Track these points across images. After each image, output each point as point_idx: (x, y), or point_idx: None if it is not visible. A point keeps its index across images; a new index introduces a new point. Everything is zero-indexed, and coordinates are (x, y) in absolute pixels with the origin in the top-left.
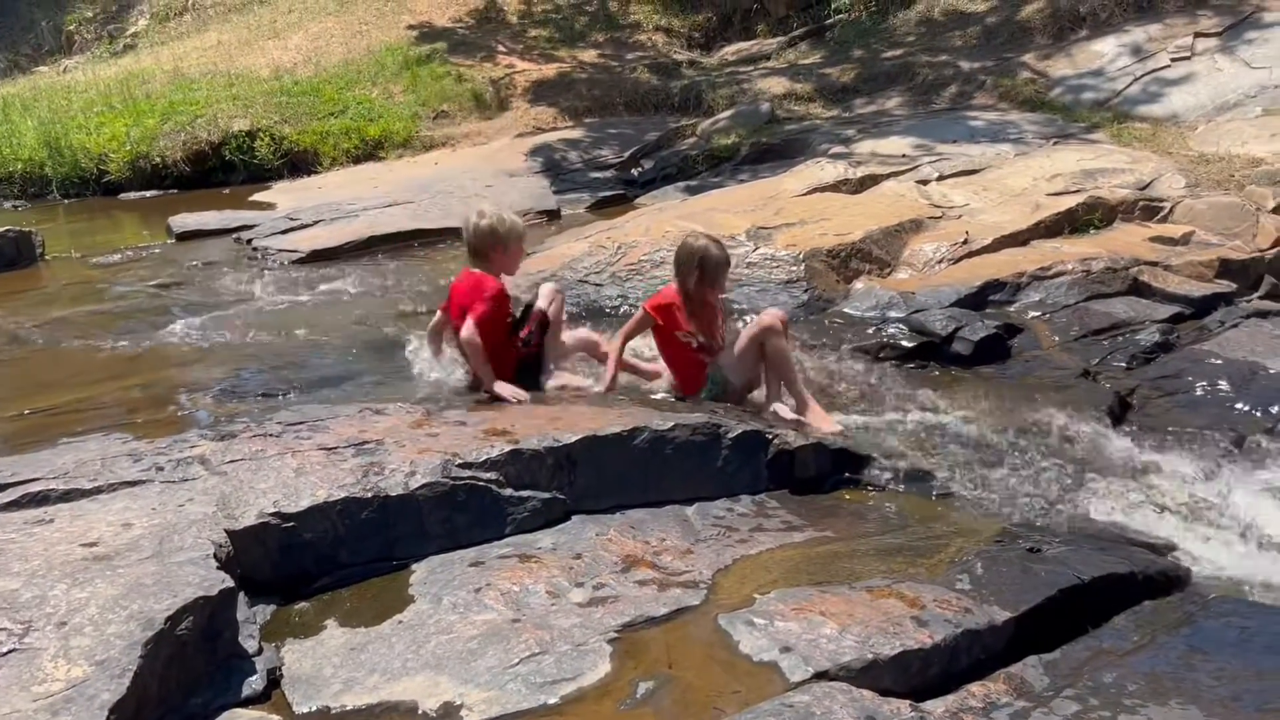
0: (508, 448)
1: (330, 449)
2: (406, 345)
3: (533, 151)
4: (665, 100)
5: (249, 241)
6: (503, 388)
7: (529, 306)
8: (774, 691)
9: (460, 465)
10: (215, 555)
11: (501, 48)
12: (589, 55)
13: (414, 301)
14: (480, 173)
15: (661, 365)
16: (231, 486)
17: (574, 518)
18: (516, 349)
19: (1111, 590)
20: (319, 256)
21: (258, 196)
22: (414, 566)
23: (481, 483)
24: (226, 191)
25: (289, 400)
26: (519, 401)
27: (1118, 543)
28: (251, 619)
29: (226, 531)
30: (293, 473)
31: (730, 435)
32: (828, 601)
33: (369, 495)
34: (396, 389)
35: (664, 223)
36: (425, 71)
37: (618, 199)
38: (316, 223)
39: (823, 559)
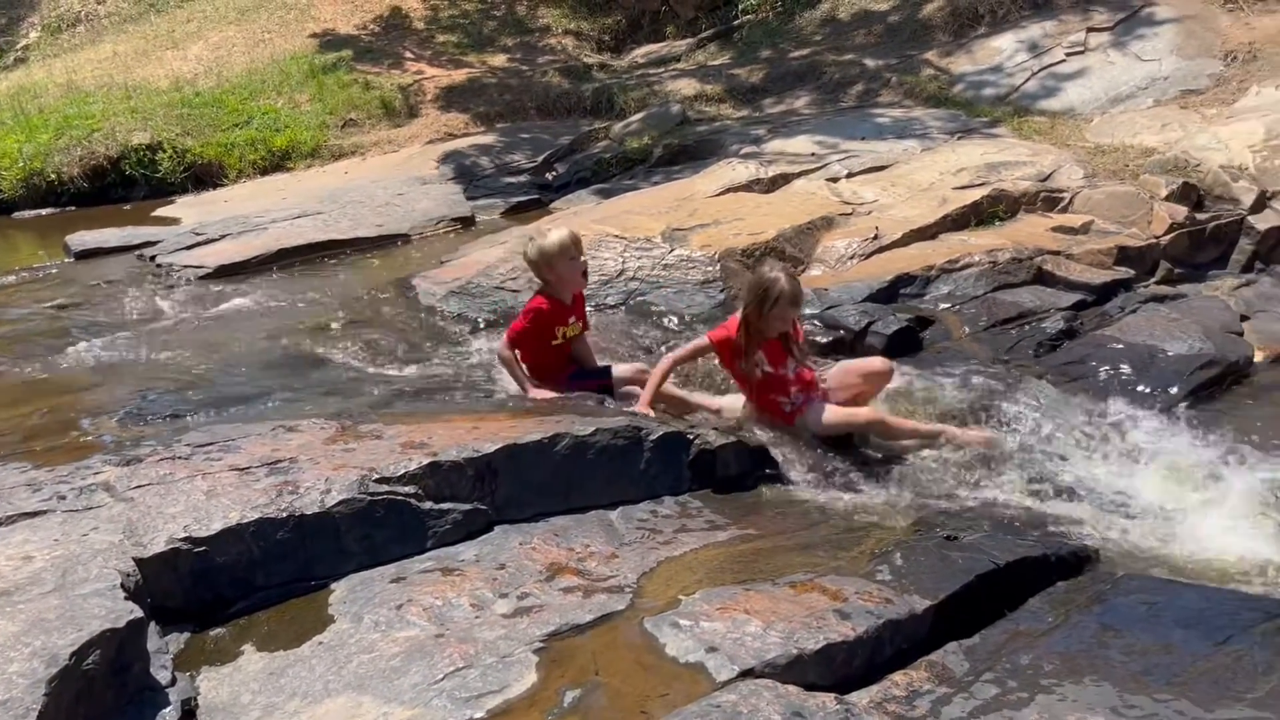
0: (426, 460)
1: (242, 469)
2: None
3: (444, 158)
4: (577, 103)
5: (152, 258)
6: (538, 392)
7: (605, 369)
8: (701, 692)
9: (378, 480)
10: (123, 585)
11: (409, 54)
12: (499, 60)
13: (326, 315)
14: (391, 181)
15: (726, 400)
16: (139, 513)
17: (497, 528)
18: (565, 366)
19: (1026, 573)
20: (226, 272)
21: (161, 212)
22: (333, 585)
23: (400, 497)
24: (127, 207)
25: (198, 421)
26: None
27: (1030, 526)
28: (164, 649)
29: (134, 560)
30: (203, 495)
31: (652, 437)
32: (752, 599)
33: (284, 515)
34: (310, 405)
35: (579, 227)
36: (331, 80)
37: (533, 204)
38: (223, 237)
39: (746, 557)
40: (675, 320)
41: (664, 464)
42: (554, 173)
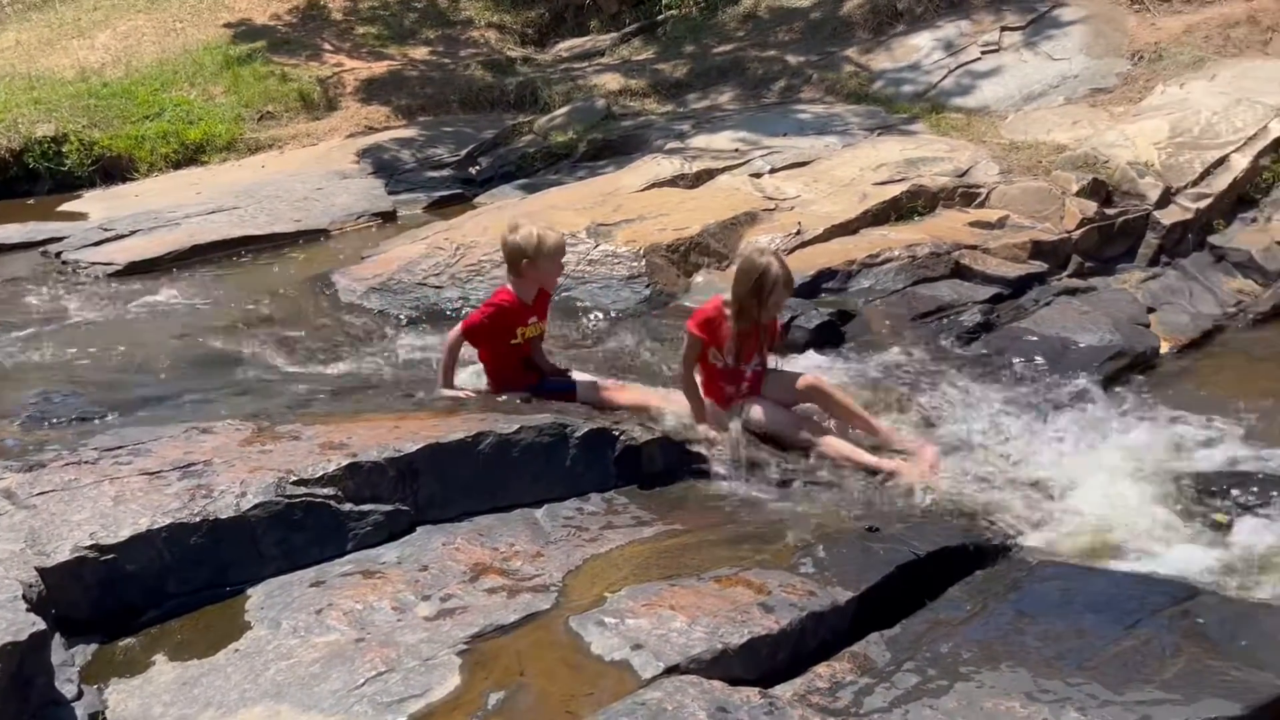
0: (346, 461)
1: (153, 473)
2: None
3: (365, 152)
4: (501, 97)
5: (58, 255)
6: (449, 392)
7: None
8: (627, 690)
9: (295, 482)
10: (24, 596)
11: (328, 46)
12: (420, 52)
13: (242, 313)
14: (310, 175)
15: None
16: (42, 520)
17: (420, 529)
18: (524, 369)
19: (946, 563)
20: (137, 269)
21: (67, 206)
22: (250, 591)
23: (319, 499)
24: (31, 202)
25: (106, 424)
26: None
27: (950, 516)
28: (70, 661)
29: (37, 569)
30: (111, 501)
31: (577, 434)
32: (677, 594)
33: (197, 520)
34: (225, 406)
35: (503, 221)
36: (247, 71)
37: (456, 198)
38: (134, 232)
39: (672, 552)
40: (601, 316)
41: (590, 461)
42: (478, 167)
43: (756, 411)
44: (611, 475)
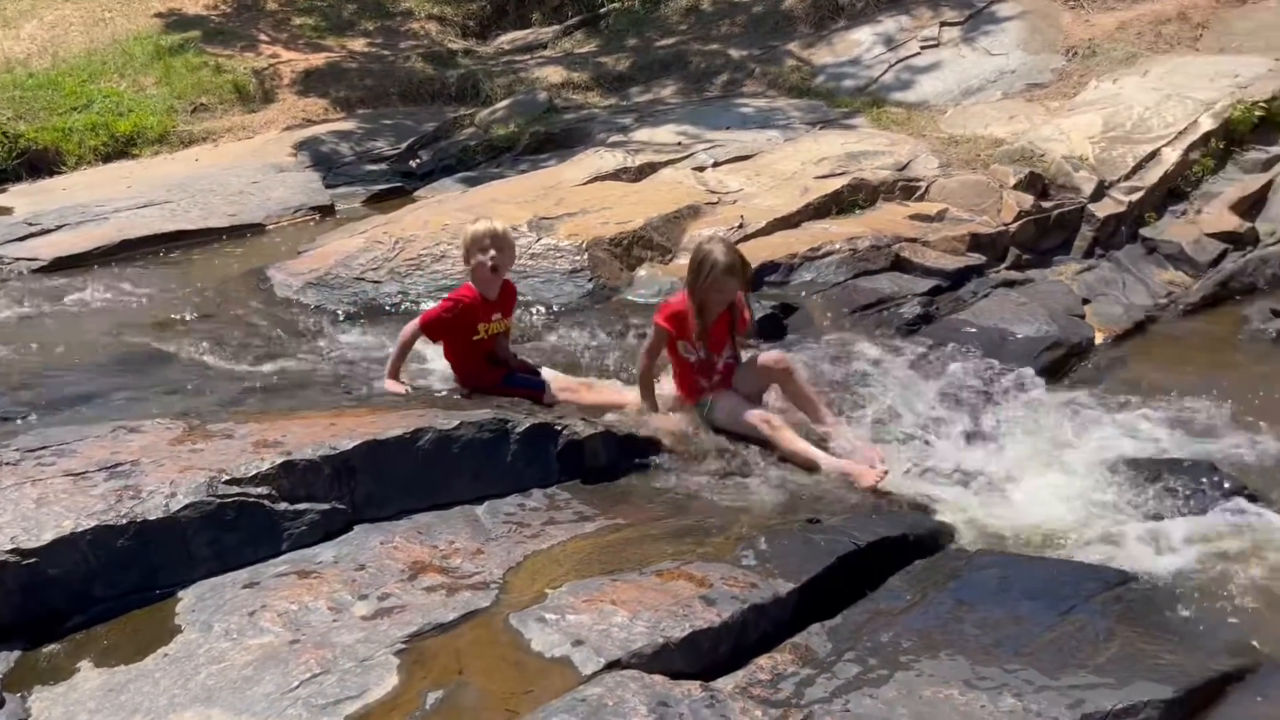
0: (280, 459)
1: (77, 474)
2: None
3: (302, 145)
4: (442, 90)
5: None
6: (392, 385)
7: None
8: (567, 686)
9: (227, 481)
10: None
11: (263, 36)
12: (359, 44)
13: (173, 309)
14: (245, 169)
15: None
16: None
17: (357, 527)
18: (488, 364)
19: (886, 553)
20: (64, 264)
21: None
22: (180, 594)
23: (252, 498)
24: None
25: (29, 424)
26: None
27: (891, 506)
28: None
29: None
30: (33, 504)
31: (519, 429)
32: (619, 589)
33: (124, 522)
34: (155, 404)
35: (444, 215)
36: (179, 62)
37: (396, 192)
38: (60, 227)
39: (614, 547)
40: (543, 310)
41: (531, 456)
42: (418, 160)
43: (721, 406)
44: (554, 470)
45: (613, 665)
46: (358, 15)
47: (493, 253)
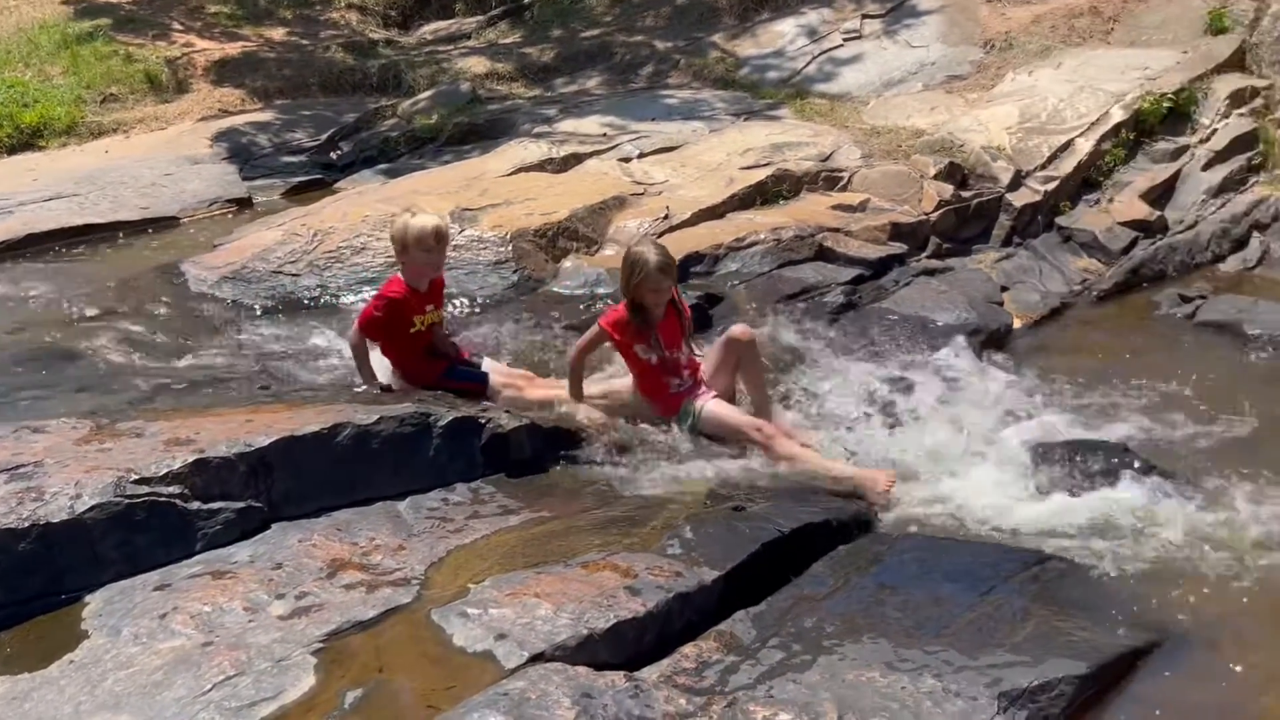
0: (192, 457)
1: None
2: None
3: (218, 136)
4: (363, 80)
5: None
6: (374, 386)
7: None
8: (490, 681)
9: (136, 481)
10: None
11: (177, 25)
12: (277, 33)
13: (81, 305)
14: (158, 161)
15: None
16: None
17: (274, 525)
18: (428, 357)
19: (810, 539)
20: None
21: None
22: (87, 598)
23: (163, 498)
24: None
25: None
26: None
27: (816, 493)
28: None
29: None
30: None
31: (441, 423)
32: (543, 582)
33: (26, 525)
34: (61, 404)
35: (363, 207)
36: (88, 51)
37: (316, 184)
38: None
39: (539, 539)
40: (467, 302)
41: (455, 450)
42: (339, 151)
43: (710, 413)
44: (478, 464)
45: (536, 658)
46: (275, 4)
47: (436, 252)
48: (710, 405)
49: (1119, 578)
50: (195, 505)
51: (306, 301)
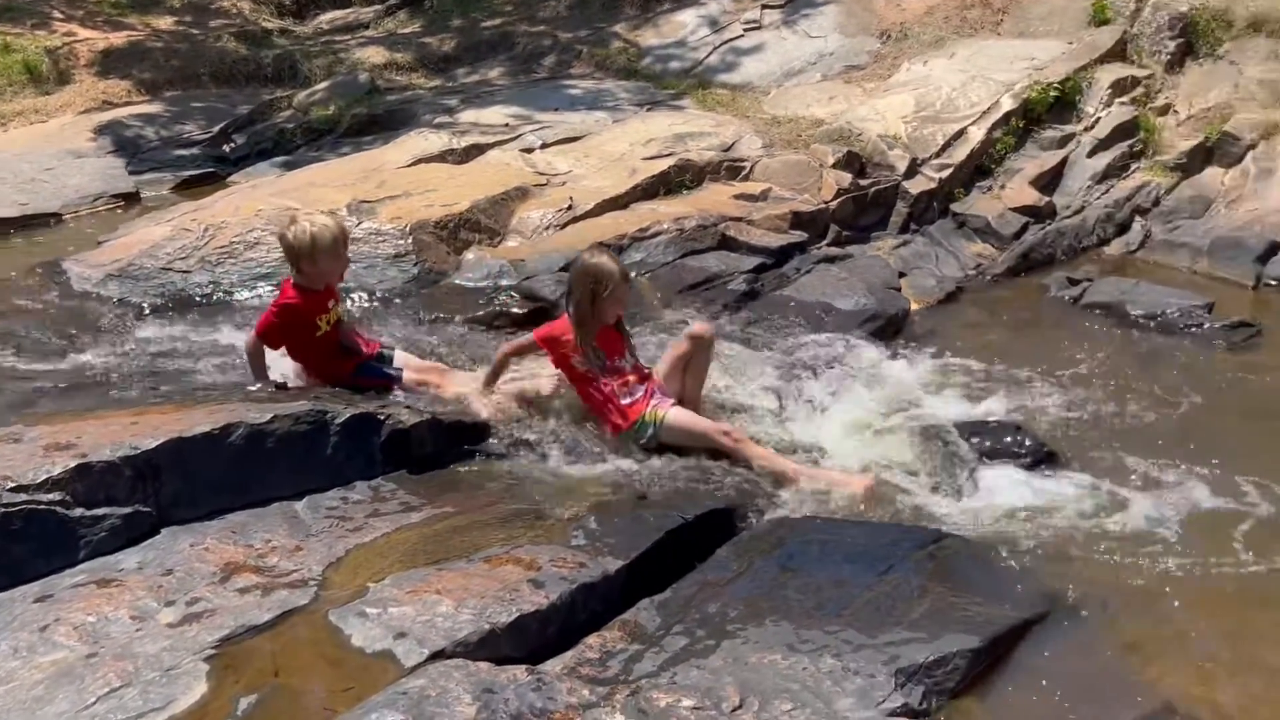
0: (73, 463)
1: None
2: None
3: (103, 129)
4: (256, 71)
5: None
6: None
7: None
8: (389, 681)
9: (13, 489)
10: None
11: (57, 13)
12: (165, 23)
13: None
14: (39, 155)
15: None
16: None
17: (164, 530)
18: (338, 356)
19: (714, 525)
20: None
21: None
22: None
23: (43, 506)
24: None
25: None
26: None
27: (720, 479)
28: None
29: None
30: None
31: (338, 421)
32: (444, 578)
33: None
34: None
35: (257, 200)
36: None
37: (208, 177)
38: None
39: (441, 536)
40: (366, 297)
41: (354, 448)
42: (232, 144)
43: (672, 421)
44: (378, 461)
45: (437, 655)
46: None
47: (344, 255)
48: (672, 414)
49: (1011, 553)
50: (78, 512)
51: (198, 299)
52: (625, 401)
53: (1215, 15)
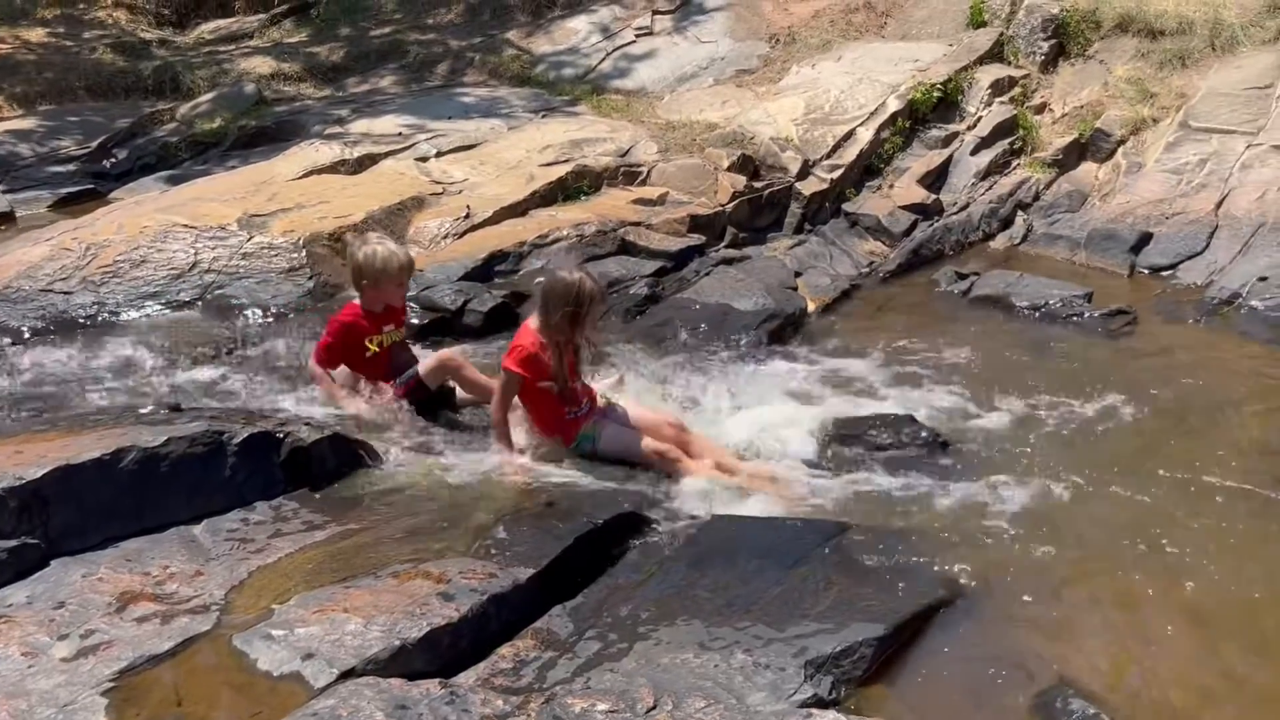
0: None
1: None
2: None
3: None
4: (136, 83)
5: None
6: (352, 403)
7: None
8: (298, 704)
9: None
10: None
11: None
12: (36, 34)
13: None
14: None
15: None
16: None
17: (54, 562)
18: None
19: (624, 528)
20: None
21: None
22: None
23: None
24: None
25: None
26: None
27: (628, 483)
28: None
29: None
30: None
31: (236, 441)
32: (352, 596)
33: None
34: None
35: (141, 217)
36: None
37: (88, 194)
38: None
39: (347, 553)
40: (260, 313)
41: (253, 468)
42: (113, 159)
43: (607, 437)
44: (279, 480)
45: (347, 674)
46: (32, 3)
47: (407, 283)
48: (605, 430)
49: (911, 541)
50: None
51: (82, 320)
52: (569, 418)
53: (1084, 17)
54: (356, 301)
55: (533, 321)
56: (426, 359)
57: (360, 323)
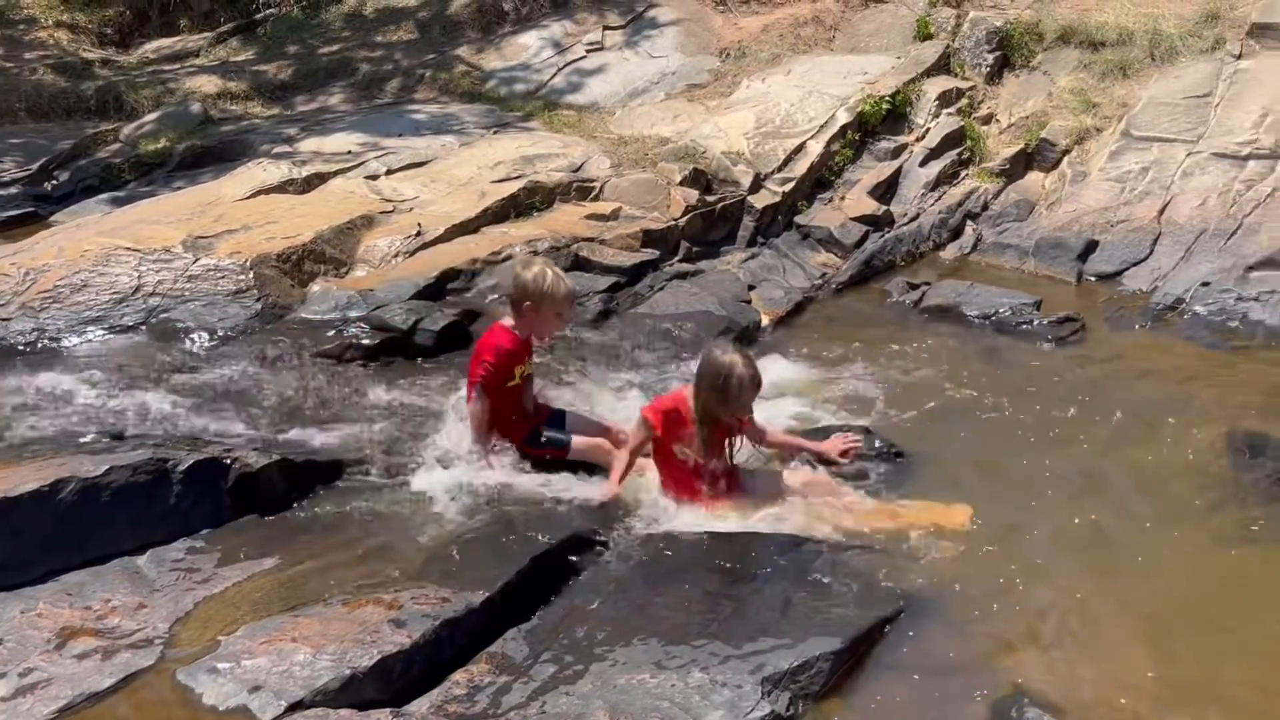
0: None
1: None
2: None
3: None
4: (78, 104)
5: None
6: (492, 473)
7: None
8: None
9: None
10: None
11: None
12: None
13: None
14: None
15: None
16: None
17: None
18: (518, 414)
19: (579, 548)
20: None
21: None
22: None
23: None
24: None
25: None
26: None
27: (581, 502)
28: None
29: None
30: None
31: (181, 468)
32: (300, 625)
33: None
34: None
35: (82, 240)
36: None
37: (29, 217)
38: None
39: (296, 581)
40: (207, 337)
41: (199, 495)
42: (54, 182)
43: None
44: (226, 508)
45: (295, 707)
46: None
47: (567, 316)
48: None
49: (865, 554)
50: None
51: (21, 347)
52: (705, 495)
53: (1028, 29)
54: (507, 323)
55: (688, 390)
56: (579, 422)
57: (518, 346)
